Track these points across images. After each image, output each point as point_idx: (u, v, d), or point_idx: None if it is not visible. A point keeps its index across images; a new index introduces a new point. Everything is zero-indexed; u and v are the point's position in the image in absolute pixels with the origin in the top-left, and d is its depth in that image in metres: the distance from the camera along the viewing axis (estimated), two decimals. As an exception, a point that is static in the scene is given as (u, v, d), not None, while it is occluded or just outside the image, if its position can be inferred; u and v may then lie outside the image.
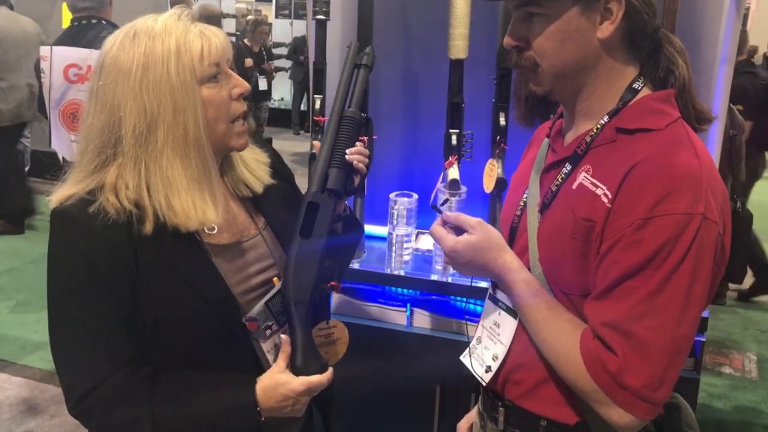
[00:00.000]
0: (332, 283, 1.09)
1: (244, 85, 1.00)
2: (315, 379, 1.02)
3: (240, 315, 1.03)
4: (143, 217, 0.95)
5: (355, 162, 1.09)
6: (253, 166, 1.13)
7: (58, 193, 0.98)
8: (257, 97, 6.33)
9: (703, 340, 1.67)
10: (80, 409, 0.96)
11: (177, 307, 0.97)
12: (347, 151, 1.09)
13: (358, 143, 1.12)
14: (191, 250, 0.99)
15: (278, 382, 1.00)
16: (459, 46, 1.75)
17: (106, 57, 0.95)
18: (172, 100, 0.92)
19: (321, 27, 1.86)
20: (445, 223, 1.04)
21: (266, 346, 1.06)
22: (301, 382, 1.00)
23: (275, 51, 8.69)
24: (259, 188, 1.11)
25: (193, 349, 1.00)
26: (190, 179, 0.95)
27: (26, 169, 5.94)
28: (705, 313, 1.70)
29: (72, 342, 0.96)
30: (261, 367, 1.05)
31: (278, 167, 1.20)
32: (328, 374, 1.05)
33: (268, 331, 1.06)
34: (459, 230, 1.02)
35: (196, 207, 0.95)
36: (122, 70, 0.92)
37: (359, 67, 1.15)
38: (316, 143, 1.15)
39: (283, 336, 1.03)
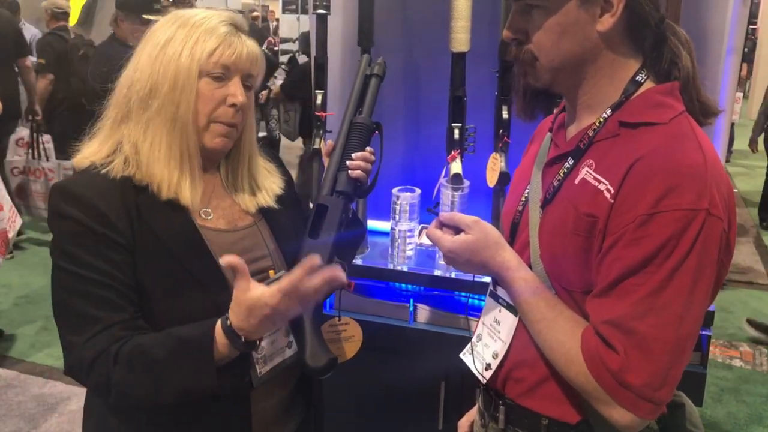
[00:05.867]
0: None
1: (238, 99, 1.04)
2: (285, 282, 0.89)
3: (230, 295, 1.02)
4: (138, 180, 1.01)
5: (350, 171, 1.14)
6: (261, 183, 1.16)
7: (83, 153, 1.05)
8: None
9: (709, 334, 1.65)
10: (70, 364, 0.99)
11: (167, 284, 0.99)
12: (352, 155, 1.15)
13: (367, 149, 1.17)
14: (186, 231, 1.03)
15: (248, 302, 0.91)
16: (461, 39, 1.73)
17: (152, 25, 1.06)
18: (174, 78, 1.00)
19: (321, 21, 1.85)
20: (442, 225, 1.03)
21: None
22: (271, 291, 0.89)
23: (282, 46, 8.65)
24: (256, 205, 1.14)
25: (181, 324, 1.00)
26: (171, 157, 1.02)
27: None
28: (711, 307, 1.68)
29: (69, 296, 0.98)
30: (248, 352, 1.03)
31: (282, 174, 1.24)
32: (305, 267, 0.89)
33: None
34: (458, 230, 1.01)
35: (171, 181, 1.02)
36: (153, 39, 1.03)
37: (370, 77, 1.22)
38: (330, 142, 1.20)
39: (233, 257, 0.91)
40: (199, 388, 0.95)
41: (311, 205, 1.20)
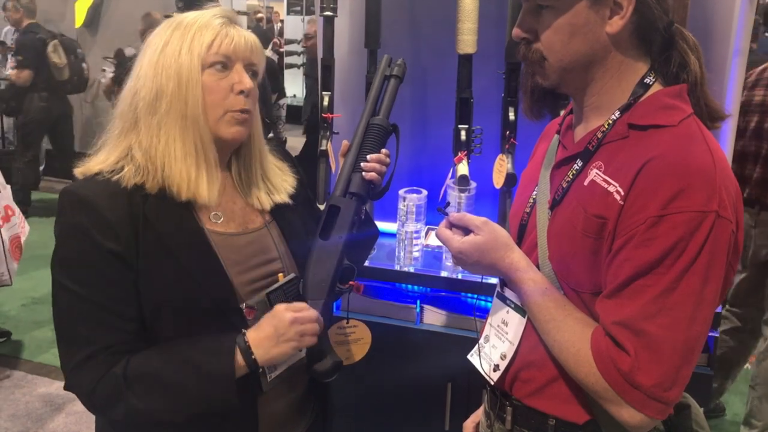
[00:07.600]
0: (351, 283, 1.12)
1: (245, 84, 1.04)
2: (297, 305, 1.02)
3: (238, 304, 1.04)
4: (151, 187, 1.01)
5: (364, 173, 1.13)
6: (273, 180, 1.17)
7: (88, 164, 1.05)
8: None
9: (716, 335, 1.64)
10: (70, 382, 0.99)
11: (174, 291, 0.99)
12: (368, 157, 1.14)
13: (383, 150, 1.16)
14: (193, 237, 1.03)
15: (263, 324, 1.00)
16: (467, 41, 1.73)
17: (150, 34, 1.07)
18: (177, 76, 1.01)
19: (329, 23, 1.85)
20: (451, 225, 1.03)
21: None
22: (284, 307, 1.01)
23: (287, 48, 8.66)
24: (271, 202, 1.15)
25: (188, 334, 1.01)
26: (187, 153, 1.02)
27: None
28: (718, 308, 1.68)
29: (68, 315, 0.99)
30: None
31: (295, 173, 1.24)
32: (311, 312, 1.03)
33: None
34: (467, 230, 1.02)
35: (190, 179, 1.02)
36: (151, 44, 1.05)
37: (390, 77, 1.20)
38: (345, 142, 1.19)
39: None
40: (217, 406, 0.99)
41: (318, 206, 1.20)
